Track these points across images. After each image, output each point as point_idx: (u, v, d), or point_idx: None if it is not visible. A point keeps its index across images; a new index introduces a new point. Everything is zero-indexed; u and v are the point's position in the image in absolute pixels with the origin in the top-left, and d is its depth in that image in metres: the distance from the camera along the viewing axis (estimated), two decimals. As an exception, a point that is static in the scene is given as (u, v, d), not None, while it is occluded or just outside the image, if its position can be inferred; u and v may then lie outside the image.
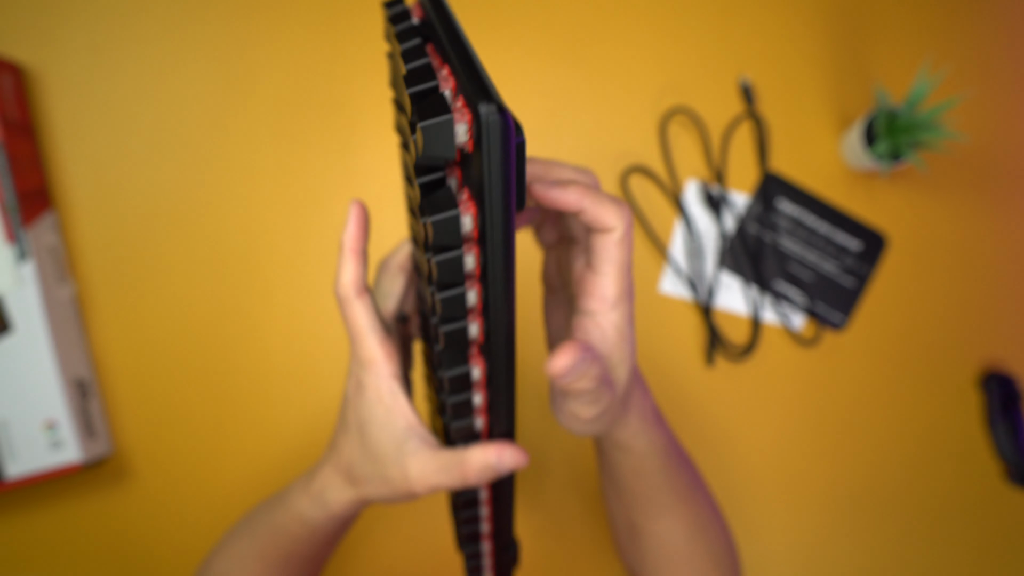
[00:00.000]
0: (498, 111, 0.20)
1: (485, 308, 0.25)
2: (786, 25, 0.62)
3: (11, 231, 0.53)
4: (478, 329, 0.27)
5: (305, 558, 0.38)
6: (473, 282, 0.25)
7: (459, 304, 0.25)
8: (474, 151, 0.21)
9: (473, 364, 0.28)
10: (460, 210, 0.23)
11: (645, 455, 0.35)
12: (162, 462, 0.58)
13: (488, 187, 0.21)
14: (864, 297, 0.61)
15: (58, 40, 0.59)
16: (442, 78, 0.23)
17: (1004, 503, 0.61)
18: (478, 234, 0.23)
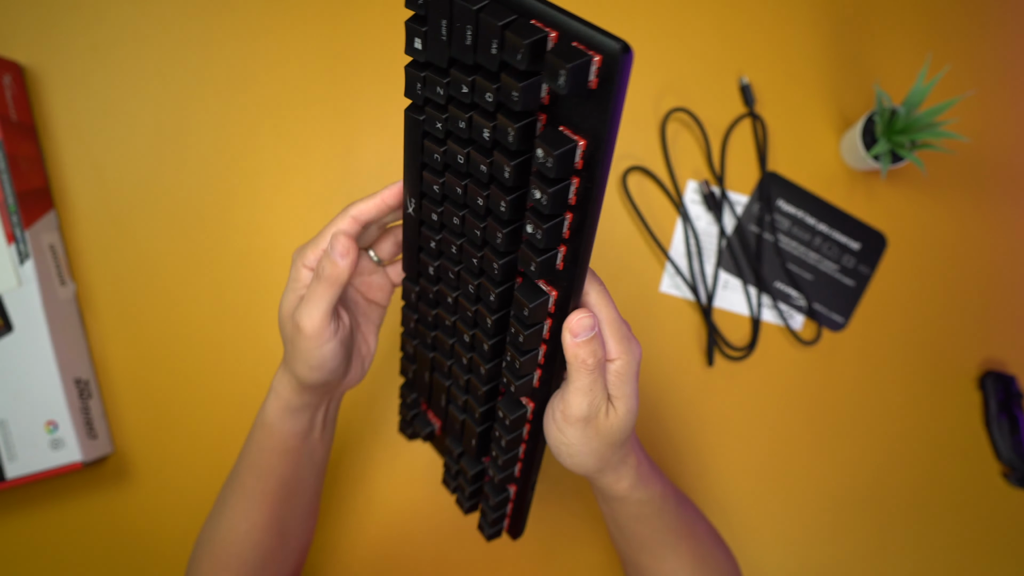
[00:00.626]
0: (625, 49, 0.23)
1: (573, 235, 0.28)
2: (786, 25, 0.62)
3: (11, 231, 0.53)
4: (560, 257, 0.30)
5: (293, 478, 0.41)
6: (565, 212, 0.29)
7: (557, 233, 0.28)
8: (598, 88, 0.24)
9: (549, 291, 0.31)
10: (577, 142, 0.26)
11: (642, 503, 0.38)
12: (162, 462, 0.58)
13: (611, 119, 0.24)
14: (864, 297, 0.61)
15: (58, 40, 0.59)
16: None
17: (1003, 503, 0.61)
18: (583, 165, 0.26)
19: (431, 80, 0.30)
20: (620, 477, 0.37)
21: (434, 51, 0.29)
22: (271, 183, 0.60)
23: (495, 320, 0.34)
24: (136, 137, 0.59)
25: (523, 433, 0.38)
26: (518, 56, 0.24)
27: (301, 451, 0.40)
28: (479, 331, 0.35)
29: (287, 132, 0.60)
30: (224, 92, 0.60)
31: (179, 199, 0.59)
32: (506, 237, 0.30)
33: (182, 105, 0.60)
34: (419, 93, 0.31)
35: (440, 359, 0.40)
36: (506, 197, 0.29)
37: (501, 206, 0.29)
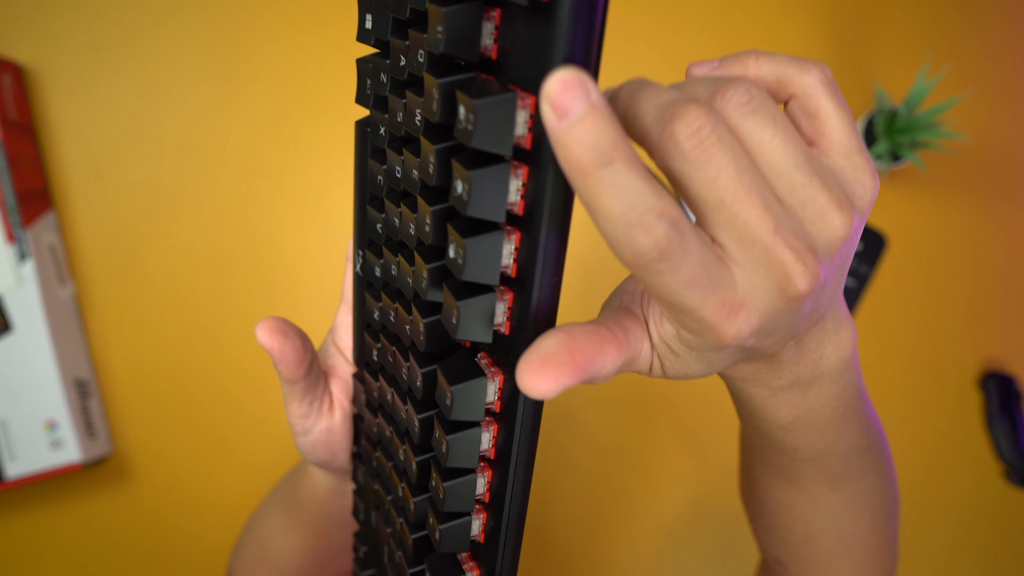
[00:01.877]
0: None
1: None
2: (786, 25, 0.62)
3: (11, 231, 0.53)
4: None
5: (324, 523, 0.39)
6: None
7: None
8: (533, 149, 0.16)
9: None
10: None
11: (778, 427, 0.25)
12: (162, 462, 0.58)
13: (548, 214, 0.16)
14: (864, 297, 0.61)
15: (58, 40, 0.59)
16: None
17: (1003, 503, 0.61)
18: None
19: (377, 66, 0.23)
20: (773, 405, 0.23)
21: (381, 18, 0.22)
22: (271, 183, 0.60)
23: (421, 420, 0.23)
24: (136, 137, 0.59)
25: None
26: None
27: (332, 504, 0.38)
28: (407, 442, 0.25)
29: (287, 132, 0.60)
30: (224, 92, 0.60)
31: (179, 199, 0.59)
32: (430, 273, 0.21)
33: (182, 105, 0.60)
34: (368, 93, 0.25)
35: (381, 492, 0.30)
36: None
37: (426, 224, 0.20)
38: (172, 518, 0.58)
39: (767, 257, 0.16)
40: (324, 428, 0.31)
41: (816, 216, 0.17)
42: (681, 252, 0.15)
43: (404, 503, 0.26)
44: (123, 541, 0.58)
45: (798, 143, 0.17)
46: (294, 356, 0.28)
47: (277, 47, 0.60)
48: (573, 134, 0.14)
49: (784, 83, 0.19)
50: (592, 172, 0.14)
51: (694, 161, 0.16)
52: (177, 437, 0.58)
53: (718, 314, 0.16)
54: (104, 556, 0.58)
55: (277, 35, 0.60)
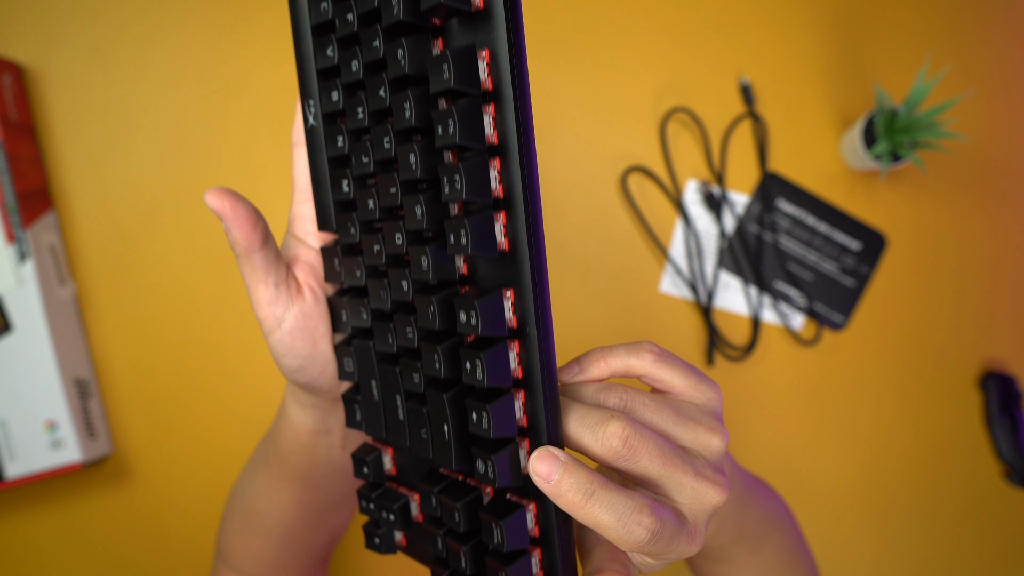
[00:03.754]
0: None
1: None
2: (786, 25, 0.62)
3: (11, 231, 0.53)
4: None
5: (310, 474, 0.38)
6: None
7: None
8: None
9: None
10: None
11: (712, 539, 0.35)
12: (162, 462, 0.58)
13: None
14: (864, 297, 0.61)
15: (58, 40, 0.59)
16: None
17: (1003, 503, 0.61)
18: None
19: (327, 46, 0.27)
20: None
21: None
22: (271, 183, 0.60)
23: (432, 254, 0.25)
24: (136, 137, 0.59)
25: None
26: None
27: (316, 448, 0.37)
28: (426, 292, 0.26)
29: (286, 132, 0.60)
30: (224, 92, 0.60)
31: (179, 199, 0.59)
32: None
33: (182, 105, 0.60)
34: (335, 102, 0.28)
35: (403, 368, 0.28)
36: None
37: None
38: (172, 518, 0.58)
39: (696, 492, 0.24)
40: (297, 312, 0.30)
41: (703, 446, 0.26)
42: (661, 525, 0.22)
43: (434, 367, 0.25)
44: (123, 541, 0.58)
45: (669, 411, 0.26)
46: (247, 219, 0.27)
47: (277, 47, 0.60)
48: (561, 487, 0.22)
49: (631, 369, 0.27)
50: (584, 504, 0.22)
51: (630, 457, 0.23)
52: (177, 437, 0.58)
53: (687, 545, 0.24)
54: (104, 556, 0.58)
55: (277, 35, 0.60)
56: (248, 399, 0.59)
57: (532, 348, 0.23)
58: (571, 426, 0.24)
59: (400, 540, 0.32)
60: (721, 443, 0.26)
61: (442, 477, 0.28)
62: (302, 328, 0.30)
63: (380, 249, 0.27)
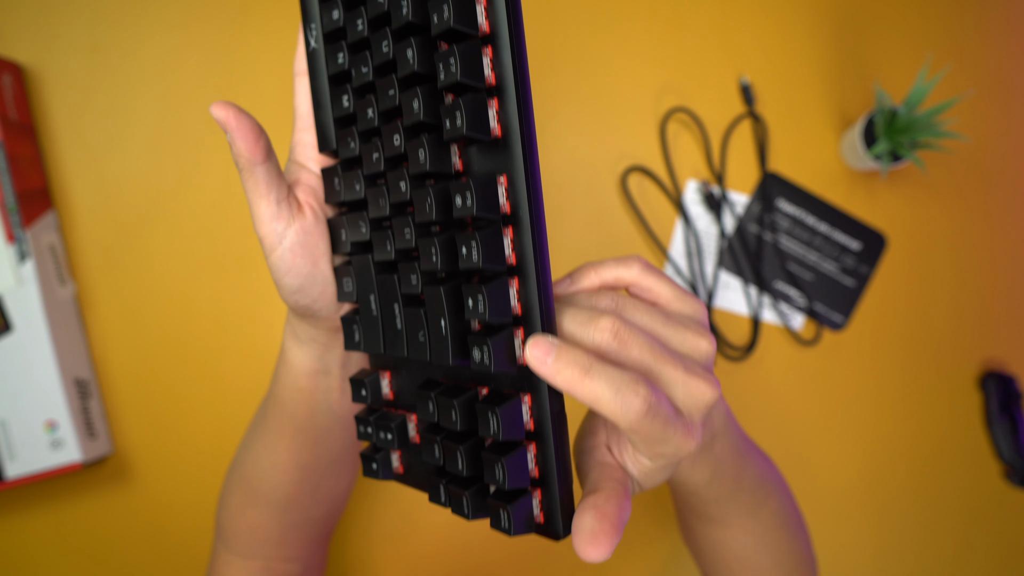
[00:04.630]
0: None
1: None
2: (786, 25, 0.62)
3: (11, 231, 0.53)
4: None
5: (309, 424, 0.37)
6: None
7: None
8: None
9: None
10: None
11: (701, 485, 0.34)
12: (162, 462, 0.58)
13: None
14: (864, 297, 0.61)
15: (58, 40, 0.59)
16: None
17: (1003, 503, 0.61)
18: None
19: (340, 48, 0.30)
20: (694, 471, 0.33)
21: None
22: (271, 183, 0.60)
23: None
24: (136, 137, 0.59)
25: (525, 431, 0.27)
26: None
27: (316, 392, 0.36)
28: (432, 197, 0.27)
29: (287, 131, 0.60)
30: (223, 91, 0.60)
31: (179, 199, 0.59)
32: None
33: (182, 105, 0.60)
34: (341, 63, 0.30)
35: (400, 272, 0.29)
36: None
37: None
38: (172, 518, 0.58)
39: (688, 387, 0.25)
40: (298, 229, 0.30)
41: (692, 348, 0.26)
42: (657, 403, 0.23)
43: (431, 260, 0.26)
44: (123, 541, 0.58)
45: (658, 314, 0.27)
46: (251, 131, 0.28)
47: (277, 47, 0.60)
48: (559, 364, 0.23)
49: (620, 279, 0.28)
50: (582, 378, 0.22)
51: (620, 350, 0.24)
52: (177, 437, 0.58)
53: (684, 438, 0.24)
54: (104, 556, 0.58)
55: (277, 35, 0.60)
56: (248, 399, 0.59)
57: (525, 233, 0.24)
58: (564, 324, 0.25)
59: (397, 467, 0.32)
60: (709, 346, 0.26)
61: (439, 384, 0.29)
62: (303, 245, 0.30)
63: (379, 156, 0.29)
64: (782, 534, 0.39)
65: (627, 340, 0.24)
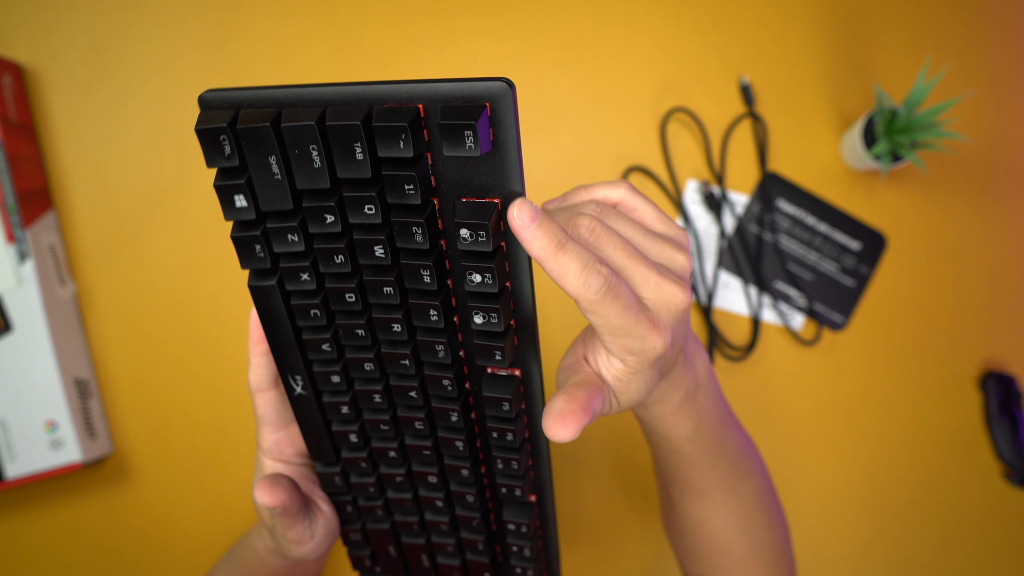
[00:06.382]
0: (509, 84, 0.22)
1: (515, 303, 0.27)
2: (786, 25, 0.62)
3: (11, 231, 0.53)
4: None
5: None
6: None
7: (507, 308, 0.27)
8: (494, 137, 0.23)
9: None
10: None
11: (684, 440, 0.34)
12: (162, 462, 0.58)
13: (518, 164, 0.23)
14: (864, 297, 0.61)
15: (58, 40, 0.59)
16: None
17: (1003, 503, 0.61)
18: (503, 225, 0.25)
19: (277, 232, 0.25)
20: (678, 420, 0.33)
21: (270, 196, 0.24)
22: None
23: (467, 439, 0.30)
24: (136, 137, 0.59)
25: (538, 527, 0.34)
26: (401, 141, 0.22)
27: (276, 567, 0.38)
28: (452, 460, 0.31)
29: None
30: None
31: (179, 199, 0.59)
32: (449, 348, 0.27)
33: (182, 105, 0.60)
34: (262, 256, 0.26)
35: (404, 521, 0.35)
36: (436, 303, 0.26)
37: (432, 316, 0.26)
38: (172, 518, 0.58)
39: (660, 288, 0.26)
40: (322, 523, 0.34)
41: (669, 260, 0.28)
42: (618, 285, 0.24)
43: (457, 500, 0.32)
44: (123, 541, 0.58)
45: (639, 227, 0.28)
46: (295, 507, 0.31)
47: (276, 47, 0.60)
48: (540, 231, 0.23)
49: (607, 198, 0.30)
50: (556, 250, 0.24)
51: (596, 245, 0.26)
52: (177, 437, 0.58)
53: (649, 329, 0.25)
54: (104, 556, 0.58)
55: (276, 35, 0.60)
56: (248, 399, 0.59)
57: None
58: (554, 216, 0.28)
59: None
60: (686, 261, 0.28)
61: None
62: (330, 529, 0.35)
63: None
64: (762, 519, 0.39)
65: (603, 238, 0.26)
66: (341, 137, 0.22)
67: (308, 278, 0.26)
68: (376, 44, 0.61)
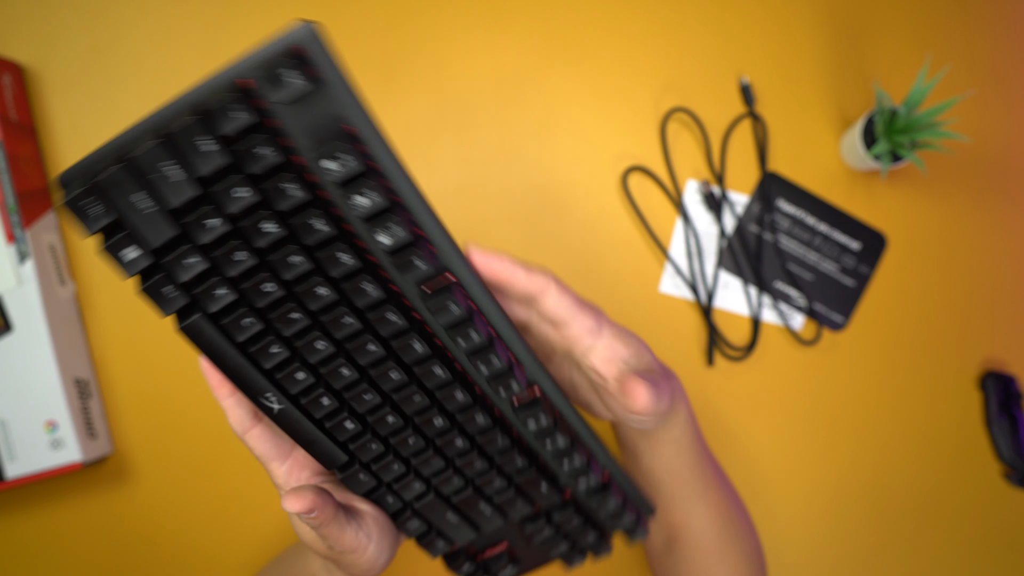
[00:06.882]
0: (307, 23, 0.24)
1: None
2: (786, 25, 0.62)
3: (11, 231, 0.53)
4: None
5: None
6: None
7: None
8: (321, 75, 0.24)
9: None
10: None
11: (682, 448, 0.38)
12: (162, 462, 0.58)
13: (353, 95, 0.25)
14: (864, 297, 0.61)
15: (58, 40, 0.59)
16: None
17: (1003, 503, 0.61)
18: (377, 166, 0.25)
19: (174, 263, 0.24)
20: (676, 413, 0.36)
21: (154, 232, 0.24)
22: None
23: (440, 362, 0.29)
24: (136, 137, 0.59)
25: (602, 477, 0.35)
26: (236, 114, 0.22)
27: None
28: (440, 391, 0.30)
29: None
30: (224, 92, 0.60)
31: (179, 199, 0.59)
32: (375, 280, 0.28)
33: (182, 105, 0.60)
34: (174, 295, 0.25)
35: (443, 479, 0.34)
36: (344, 244, 0.26)
37: (342, 258, 0.26)
38: (172, 518, 0.58)
39: (641, 358, 0.33)
40: (372, 522, 0.33)
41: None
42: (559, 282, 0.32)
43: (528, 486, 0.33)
44: (123, 541, 0.58)
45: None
46: (330, 508, 0.30)
47: (277, 47, 0.60)
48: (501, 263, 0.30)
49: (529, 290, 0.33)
50: (514, 267, 0.30)
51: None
52: (177, 437, 0.58)
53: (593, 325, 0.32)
54: (104, 556, 0.58)
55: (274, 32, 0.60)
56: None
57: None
58: None
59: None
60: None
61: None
62: (385, 528, 0.34)
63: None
64: (741, 516, 0.42)
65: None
66: (185, 141, 0.22)
67: (224, 291, 0.25)
68: (376, 44, 0.61)
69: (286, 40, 0.23)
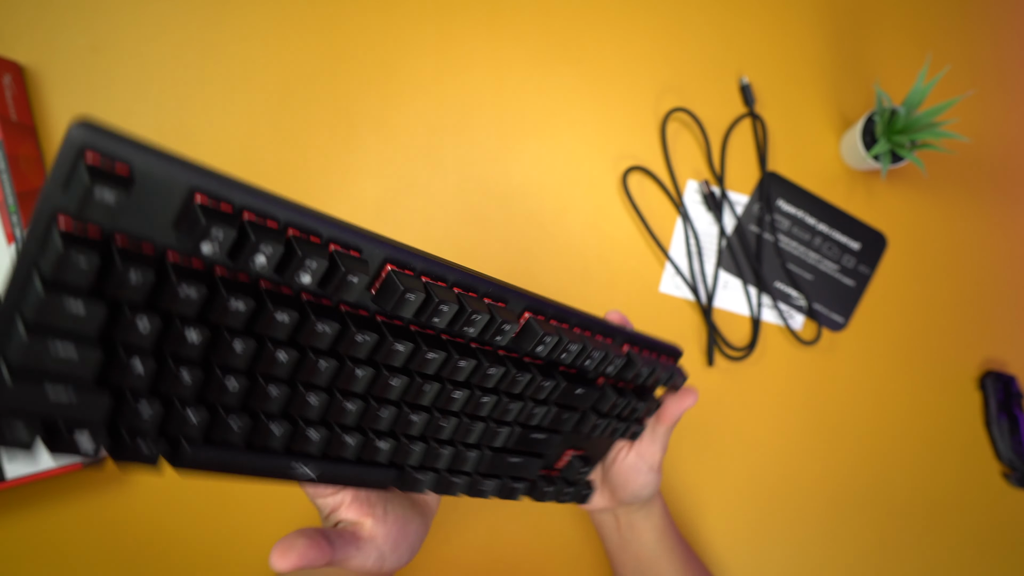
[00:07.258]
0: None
1: None
2: (786, 25, 0.62)
3: (11, 231, 0.53)
4: None
5: None
6: None
7: None
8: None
9: None
10: None
11: (662, 534, 0.47)
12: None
13: None
14: (864, 297, 0.61)
15: (58, 40, 0.59)
16: None
17: (1003, 503, 0.61)
18: None
19: (134, 404, 0.23)
20: (655, 502, 0.46)
21: (87, 408, 0.22)
22: (269, 184, 0.60)
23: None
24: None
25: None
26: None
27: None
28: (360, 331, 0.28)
29: (286, 132, 0.60)
30: (224, 92, 0.60)
31: (179, 199, 0.59)
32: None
33: (182, 105, 0.60)
34: (151, 440, 0.25)
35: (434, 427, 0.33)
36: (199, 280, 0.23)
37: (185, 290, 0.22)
38: (172, 518, 0.58)
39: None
40: (381, 539, 0.33)
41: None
42: None
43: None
44: (123, 541, 0.58)
45: None
46: (316, 551, 0.29)
47: (277, 49, 0.60)
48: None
49: None
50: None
51: None
52: (177, 437, 0.58)
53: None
54: (104, 556, 0.58)
55: (276, 37, 0.60)
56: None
57: None
58: None
59: None
60: None
61: None
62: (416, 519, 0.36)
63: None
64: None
65: None
66: (52, 316, 0.20)
67: (191, 410, 0.24)
68: (376, 45, 0.61)
69: (69, 151, 0.20)
